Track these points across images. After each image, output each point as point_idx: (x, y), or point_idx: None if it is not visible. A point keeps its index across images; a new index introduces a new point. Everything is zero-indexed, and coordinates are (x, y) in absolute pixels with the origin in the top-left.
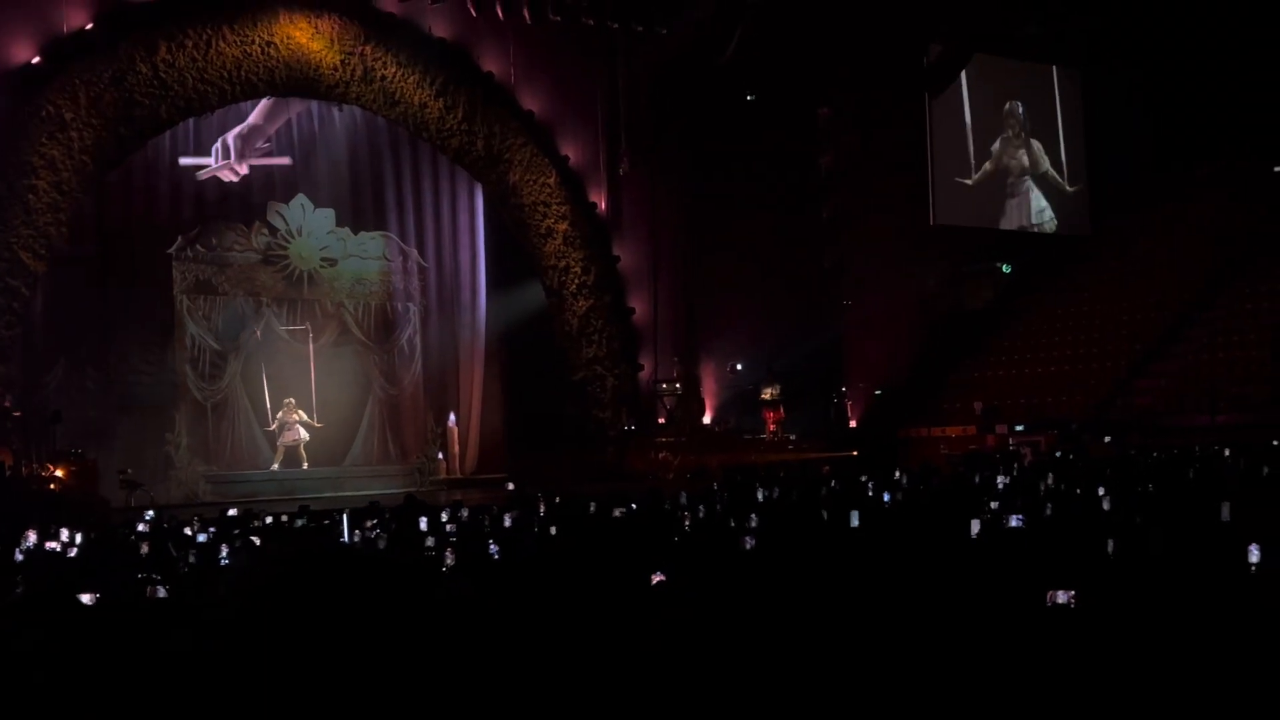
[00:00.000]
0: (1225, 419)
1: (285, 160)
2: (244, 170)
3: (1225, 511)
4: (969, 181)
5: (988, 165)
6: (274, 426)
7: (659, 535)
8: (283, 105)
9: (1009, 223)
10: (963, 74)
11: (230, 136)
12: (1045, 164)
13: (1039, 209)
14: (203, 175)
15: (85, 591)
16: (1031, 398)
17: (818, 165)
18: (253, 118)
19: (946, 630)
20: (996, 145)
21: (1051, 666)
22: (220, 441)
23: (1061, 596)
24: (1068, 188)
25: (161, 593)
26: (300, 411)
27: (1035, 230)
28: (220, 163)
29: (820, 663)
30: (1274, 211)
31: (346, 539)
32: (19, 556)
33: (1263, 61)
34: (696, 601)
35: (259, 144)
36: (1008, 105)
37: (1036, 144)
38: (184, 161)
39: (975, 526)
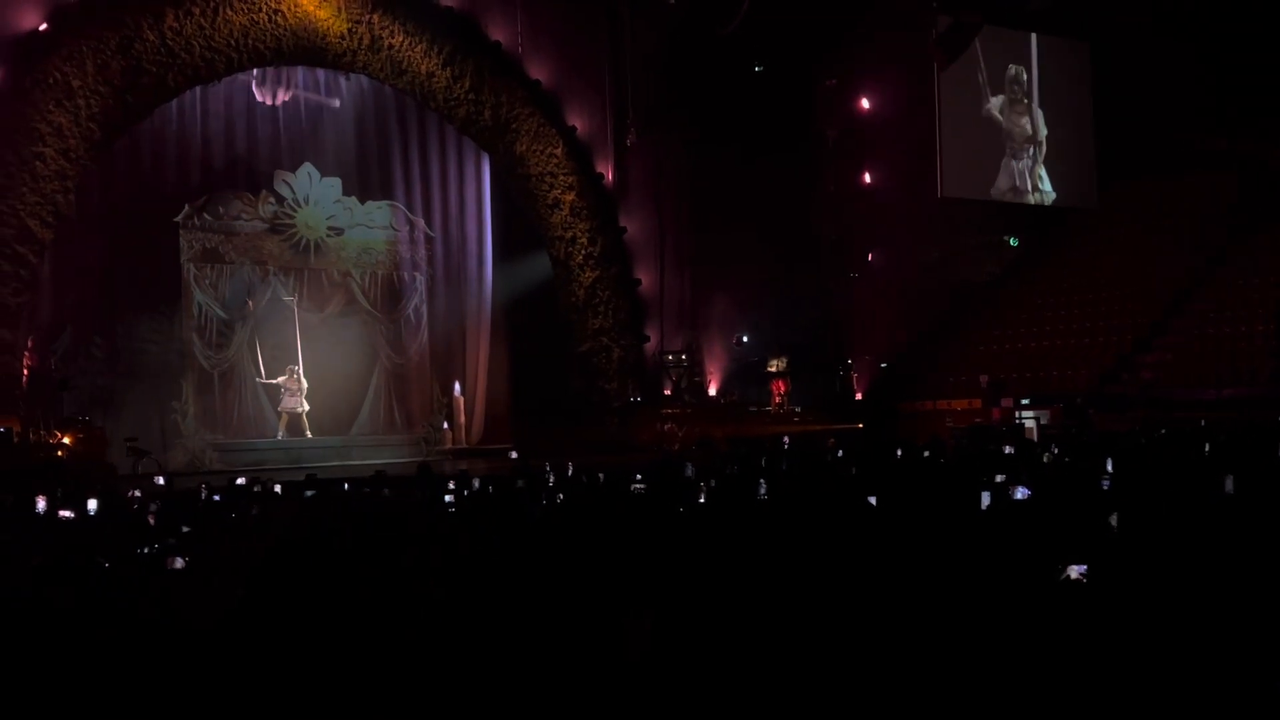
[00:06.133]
0: (1230, 392)
1: (334, 102)
2: (285, 96)
3: (1229, 484)
4: (973, 146)
5: (990, 120)
6: (278, 381)
7: (669, 507)
8: None
9: (1012, 190)
10: (972, 45)
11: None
12: (1044, 133)
13: (1040, 179)
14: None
15: (102, 559)
16: (1037, 371)
17: (824, 136)
18: None
19: (950, 600)
20: (998, 106)
21: (1056, 638)
22: (227, 410)
23: (1074, 571)
24: (1070, 160)
25: (179, 562)
26: (303, 380)
27: (1034, 202)
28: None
29: (829, 638)
30: (1278, 183)
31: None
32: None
33: (1269, 34)
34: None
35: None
36: (1013, 70)
37: (1040, 113)
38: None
39: (985, 499)
